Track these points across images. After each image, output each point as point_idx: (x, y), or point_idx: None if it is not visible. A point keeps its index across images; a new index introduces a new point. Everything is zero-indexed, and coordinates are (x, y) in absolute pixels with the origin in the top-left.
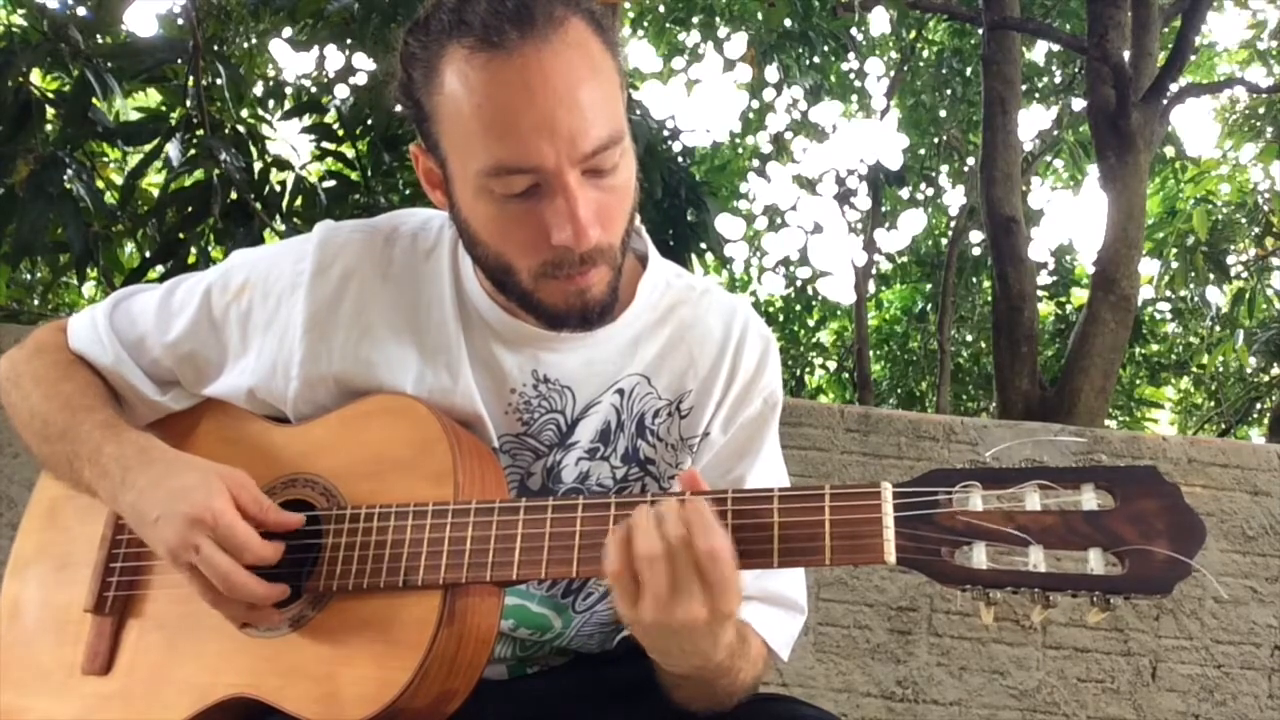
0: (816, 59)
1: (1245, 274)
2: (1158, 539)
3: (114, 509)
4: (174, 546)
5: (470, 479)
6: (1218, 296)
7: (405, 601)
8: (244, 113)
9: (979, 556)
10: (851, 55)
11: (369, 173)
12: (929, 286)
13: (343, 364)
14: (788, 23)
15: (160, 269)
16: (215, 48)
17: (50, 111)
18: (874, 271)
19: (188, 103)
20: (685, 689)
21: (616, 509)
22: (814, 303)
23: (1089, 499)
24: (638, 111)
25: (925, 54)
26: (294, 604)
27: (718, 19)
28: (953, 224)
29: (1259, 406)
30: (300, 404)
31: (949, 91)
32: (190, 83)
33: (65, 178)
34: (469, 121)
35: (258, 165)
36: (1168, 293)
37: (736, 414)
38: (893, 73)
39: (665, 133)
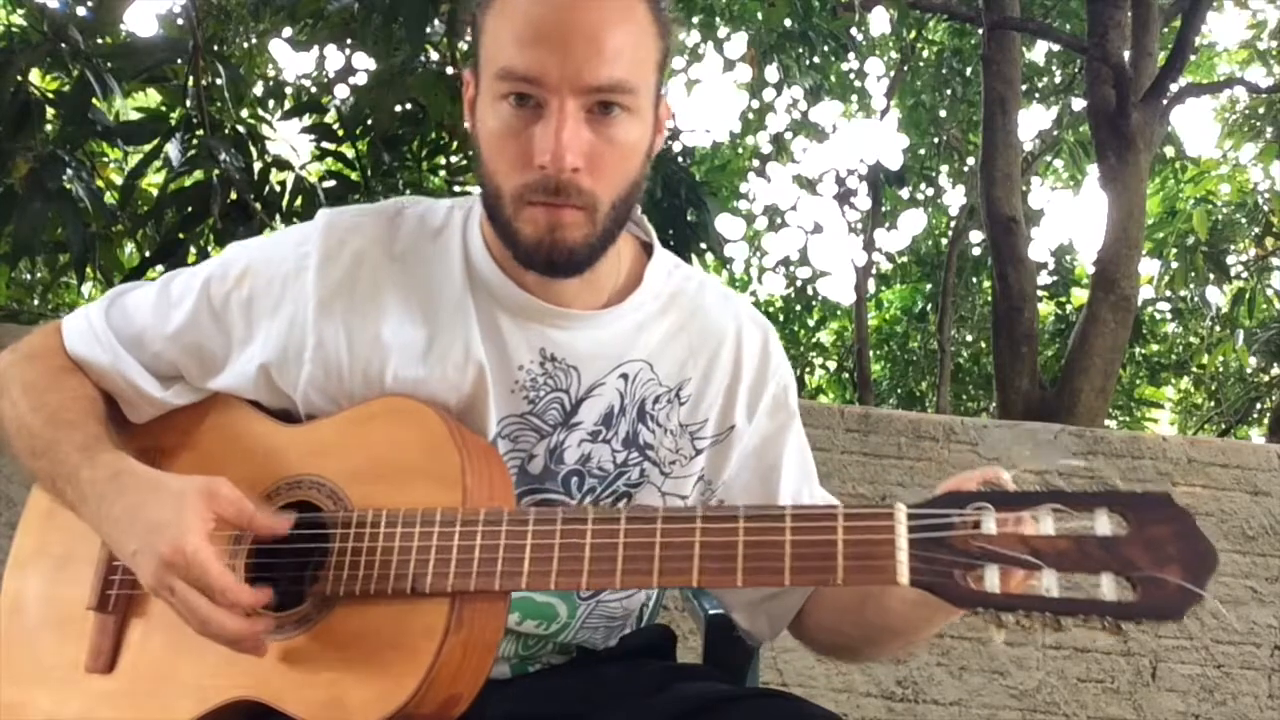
0: (816, 59)
1: (1245, 274)
2: (1170, 566)
3: (97, 533)
4: (151, 584)
5: (479, 483)
6: (1218, 296)
7: (413, 608)
8: (244, 113)
9: (992, 579)
10: (851, 55)
11: (369, 173)
12: (929, 286)
13: (357, 346)
14: (788, 23)
15: (160, 269)
16: (215, 48)
17: (50, 111)
18: (874, 271)
19: (188, 103)
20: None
21: (627, 523)
22: (814, 303)
23: (1103, 524)
24: None
25: (925, 54)
26: (300, 607)
27: (718, 19)
28: (953, 224)
29: (1259, 406)
30: (310, 390)
31: (949, 91)
32: (190, 83)
33: (65, 177)
34: (501, 26)
35: (258, 165)
36: (1168, 293)
37: (756, 401)
38: (893, 73)
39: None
